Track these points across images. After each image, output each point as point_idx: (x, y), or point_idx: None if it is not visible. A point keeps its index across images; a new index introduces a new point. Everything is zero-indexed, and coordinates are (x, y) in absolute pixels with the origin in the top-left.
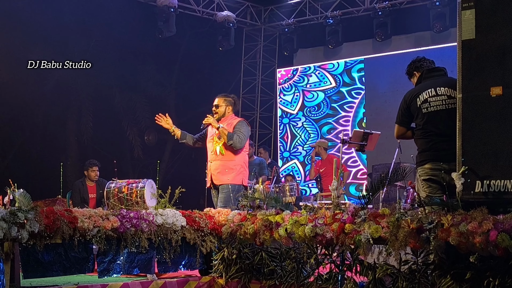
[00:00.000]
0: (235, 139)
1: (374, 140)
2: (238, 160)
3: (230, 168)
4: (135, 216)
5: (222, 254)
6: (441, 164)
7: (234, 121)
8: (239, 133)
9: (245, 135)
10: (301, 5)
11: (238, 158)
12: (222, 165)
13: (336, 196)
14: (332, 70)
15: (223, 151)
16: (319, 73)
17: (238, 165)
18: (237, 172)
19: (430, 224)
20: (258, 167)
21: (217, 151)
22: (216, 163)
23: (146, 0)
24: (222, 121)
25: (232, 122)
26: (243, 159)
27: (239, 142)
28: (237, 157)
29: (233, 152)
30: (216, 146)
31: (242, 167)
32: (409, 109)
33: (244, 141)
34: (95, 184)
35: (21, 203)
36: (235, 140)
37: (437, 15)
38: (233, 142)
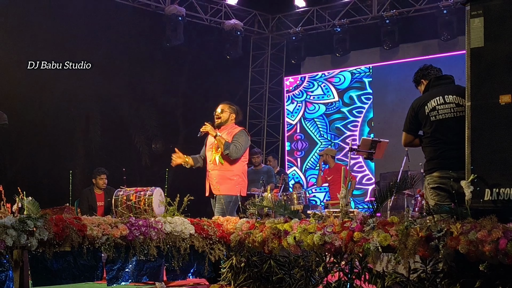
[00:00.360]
0: (231, 149)
1: (382, 148)
2: (236, 170)
3: (228, 178)
4: (144, 224)
5: (231, 262)
6: (450, 172)
7: (234, 130)
8: (237, 143)
9: (242, 145)
10: (309, 14)
11: (236, 168)
12: (221, 175)
13: (344, 204)
14: (338, 84)
15: (222, 161)
16: (325, 86)
17: (236, 175)
18: (234, 182)
19: (439, 232)
20: (266, 175)
21: (216, 161)
22: (215, 172)
23: (154, 9)
24: (222, 129)
25: (232, 131)
26: (241, 169)
27: (235, 152)
28: (235, 167)
29: (231, 162)
30: (215, 156)
31: (240, 177)
32: (417, 116)
33: (241, 151)
34: (103, 192)
35: (30, 211)
36: (232, 150)
37: (444, 23)
38: (230, 152)
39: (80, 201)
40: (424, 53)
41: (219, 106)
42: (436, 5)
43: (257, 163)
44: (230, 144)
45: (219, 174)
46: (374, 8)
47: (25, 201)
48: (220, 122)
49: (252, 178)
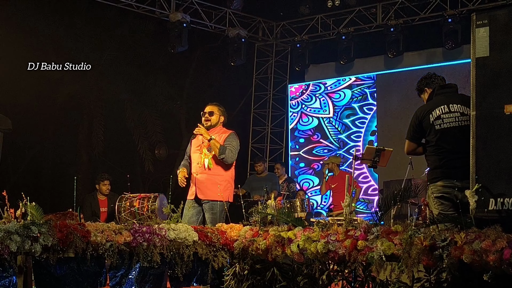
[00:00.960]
0: (227, 154)
1: (386, 157)
2: (226, 175)
3: (217, 183)
4: (148, 231)
5: (234, 269)
6: (454, 181)
7: (224, 133)
8: (231, 147)
9: (236, 150)
10: (313, 21)
11: (226, 173)
12: (209, 180)
13: (348, 212)
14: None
15: (211, 165)
16: (324, 100)
17: (225, 181)
18: (223, 187)
19: (443, 242)
20: (270, 183)
21: (205, 165)
22: (203, 176)
23: (159, 15)
24: (211, 131)
25: (222, 134)
26: (231, 174)
27: (230, 157)
28: (224, 172)
29: (222, 166)
30: (205, 159)
31: (229, 183)
32: (421, 125)
33: (235, 155)
34: (107, 198)
35: (34, 217)
36: (228, 155)
37: (449, 32)
38: (225, 156)
39: (83, 206)
40: (429, 62)
41: (208, 108)
42: (440, 13)
43: (260, 170)
44: (225, 148)
45: (208, 178)
46: (379, 16)
47: (28, 207)
48: (210, 124)
49: (255, 186)
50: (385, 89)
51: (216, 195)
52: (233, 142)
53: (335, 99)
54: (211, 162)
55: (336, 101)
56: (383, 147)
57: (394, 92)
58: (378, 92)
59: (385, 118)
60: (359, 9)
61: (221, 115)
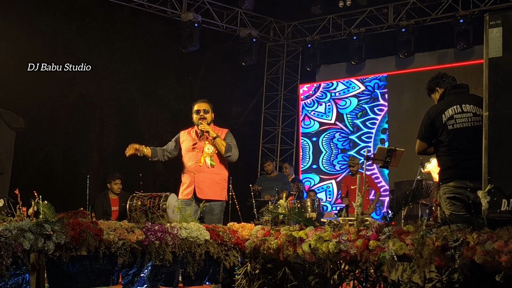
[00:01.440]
0: (233, 152)
1: (398, 157)
2: (224, 174)
3: (217, 182)
4: (160, 229)
5: (245, 269)
6: (466, 182)
7: (221, 131)
8: (234, 146)
9: (237, 148)
10: (325, 21)
11: (224, 172)
12: (210, 179)
13: (360, 212)
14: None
15: (213, 164)
16: (345, 80)
17: (224, 180)
18: (222, 187)
19: (455, 242)
20: (280, 183)
21: (207, 163)
22: (203, 175)
23: (171, 15)
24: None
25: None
26: (227, 173)
27: (235, 155)
28: (223, 171)
29: (223, 165)
30: (206, 157)
31: (226, 182)
32: (433, 125)
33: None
34: (118, 197)
35: (46, 215)
36: (234, 153)
37: (461, 33)
38: (232, 155)
39: (94, 205)
40: (440, 62)
41: (201, 105)
42: (452, 14)
43: (269, 170)
44: (231, 146)
45: (210, 177)
46: (390, 16)
47: (40, 205)
48: (206, 122)
49: (265, 186)
50: (396, 90)
51: (216, 194)
52: (233, 141)
53: (341, 106)
54: (213, 161)
55: (340, 108)
56: (395, 148)
57: (405, 92)
58: (389, 93)
59: (396, 118)
60: (370, 9)
61: (213, 112)
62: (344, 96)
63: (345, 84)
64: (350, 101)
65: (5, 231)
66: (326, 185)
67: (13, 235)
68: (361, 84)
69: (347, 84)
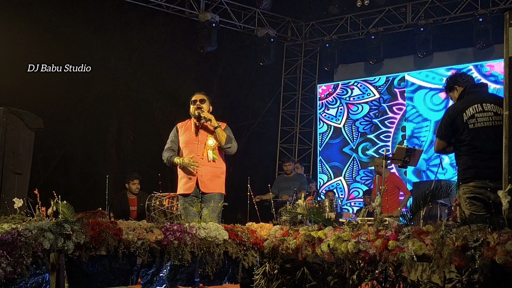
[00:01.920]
0: (233, 144)
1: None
2: (223, 168)
3: (218, 176)
4: (179, 229)
5: (264, 269)
6: (487, 182)
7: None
8: (234, 139)
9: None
10: (343, 21)
11: (223, 165)
12: (212, 172)
13: (379, 212)
14: (374, 82)
15: (215, 157)
16: (361, 86)
17: (223, 174)
18: (222, 180)
19: (475, 242)
20: (298, 183)
21: (209, 157)
22: (206, 169)
23: (188, 15)
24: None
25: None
26: (225, 166)
27: (235, 147)
28: (223, 164)
29: (223, 158)
30: (208, 150)
31: (224, 175)
32: (453, 123)
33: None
34: (136, 197)
35: (65, 215)
36: (233, 145)
37: (480, 32)
38: (231, 147)
39: (113, 205)
40: (459, 62)
41: (197, 96)
42: (471, 13)
43: (288, 170)
44: (231, 138)
45: (211, 171)
46: (409, 16)
47: (60, 205)
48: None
49: (284, 186)
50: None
51: (218, 188)
52: (231, 134)
53: (353, 111)
54: (215, 154)
55: (374, 83)
56: (414, 147)
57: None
58: (407, 92)
59: (414, 117)
60: (388, 8)
61: (210, 105)
62: (358, 101)
63: (361, 90)
64: (362, 107)
65: (25, 230)
66: (336, 182)
67: (33, 235)
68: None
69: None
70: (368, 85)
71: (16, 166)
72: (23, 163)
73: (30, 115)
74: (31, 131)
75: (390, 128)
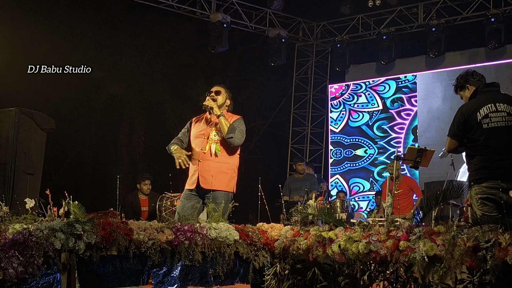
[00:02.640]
0: (236, 134)
1: (428, 157)
2: (232, 163)
3: (223, 172)
4: (189, 230)
5: (275, 269)
6: (499, 182)
7: (232, 117)
8: (240, 129)
9: (244, 133)
10: (354, 21)
11: (232, 161)
12: (215, 168)
13: (390, 213)
14: (383, 92)
15: (218, 151)
16: (369, 94)
17: (231, 169)
18: (229, 177)
19: (487, 243)
20: (308, 183)
21: (212, 151)
22: (208, 164)
23: (200, 16)
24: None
25: (229, 118)
26: (236, 163)
27: (239, 138)
28: (231, 160)
29: (229, 153)
30: (211, 144)
31: (235, 172)
32: (466, 123)
33: (243, 139)
34: (148, 197)
35: (76, 215)
36: (236, 135)
37: (492, 31)
38: (233, 137)
39: (124, 206)
40: (471, 62)
41: (215, 88)
42: (483, 13)
43: (301, 171)
44: (235, 128)
45: (215, 166)
46: (420, 16)
47: (71, 205)
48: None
49: (295, 187)
50: (426, 89)
51: (221, 184)
52: (241, 126)
53: (380, 91)
54: (218, 148)
55: (381, 93)
56: (425, 147)
57: (435, 92)
58: (419, 92)
59: (426, 118)
60: (400, 8)
61: (228, 98)
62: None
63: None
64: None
65: (37, 231)
66: (334, 181)
67: (44, 235)
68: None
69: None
70: (376, 95)
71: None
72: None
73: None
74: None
75: (405, 120)
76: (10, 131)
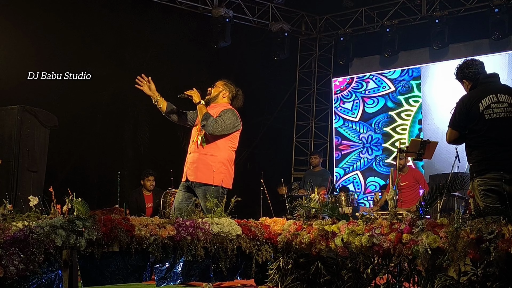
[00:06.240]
0: (209, 122)
1: (432, 149)
2: (219, 156)
3: (208, 164)
4: (191, 225)
5: (278, 263)
6: (502, 173)
7: (220, 107)
8: (219, 119)
9: (225, 124)
10: (357, 14)
11: (220, 154)
12: (200, 160)
13: (393, 205)
14: (389, 75)
15: (204, 143)
16: (377, 79)
17: (218, 163)
18: (217, 170)
19: (490, 235)
20: (320, 178)
21: (198, 142)
22: (195, 155)
23: (202, 11)
24: (212, 106)
25: (220, 109)
26: (226, 156)
27: (212, 126)
28: (219, 152)
29: (220, 146)
30: (199, 136)
31: (224, 166)
32: (468, 113)
33: (221, 128)
34: (152, 193)
35: (79, 212)
36: (209, 123)
37: (496, 22)
38: (206, 124)
39: (129, 202)
40: (475, 53)
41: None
42: (487, 4)
43: (315, 164)
44: (210, 116)
45: (199, 158)
46: (424, 8)
47: (74, 202)
48: (209, 98)
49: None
50: (430, 81)
51: (208, 178)
52: (225, 115)
53: (368, 104)
54: (204, 140)
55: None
56: (428, 140)
57: (439, 84)
58: (423, 84)
59: (430, 110)
60: (403, 1)
61: (225, 91)
62: (373, 95)
63: (376, 83)
64: (378, 101)
65: (37, 228)
66: (352, 176)
67: (45, 232)
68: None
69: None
70: (383, 78)
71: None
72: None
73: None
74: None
75: (406, 121)
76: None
